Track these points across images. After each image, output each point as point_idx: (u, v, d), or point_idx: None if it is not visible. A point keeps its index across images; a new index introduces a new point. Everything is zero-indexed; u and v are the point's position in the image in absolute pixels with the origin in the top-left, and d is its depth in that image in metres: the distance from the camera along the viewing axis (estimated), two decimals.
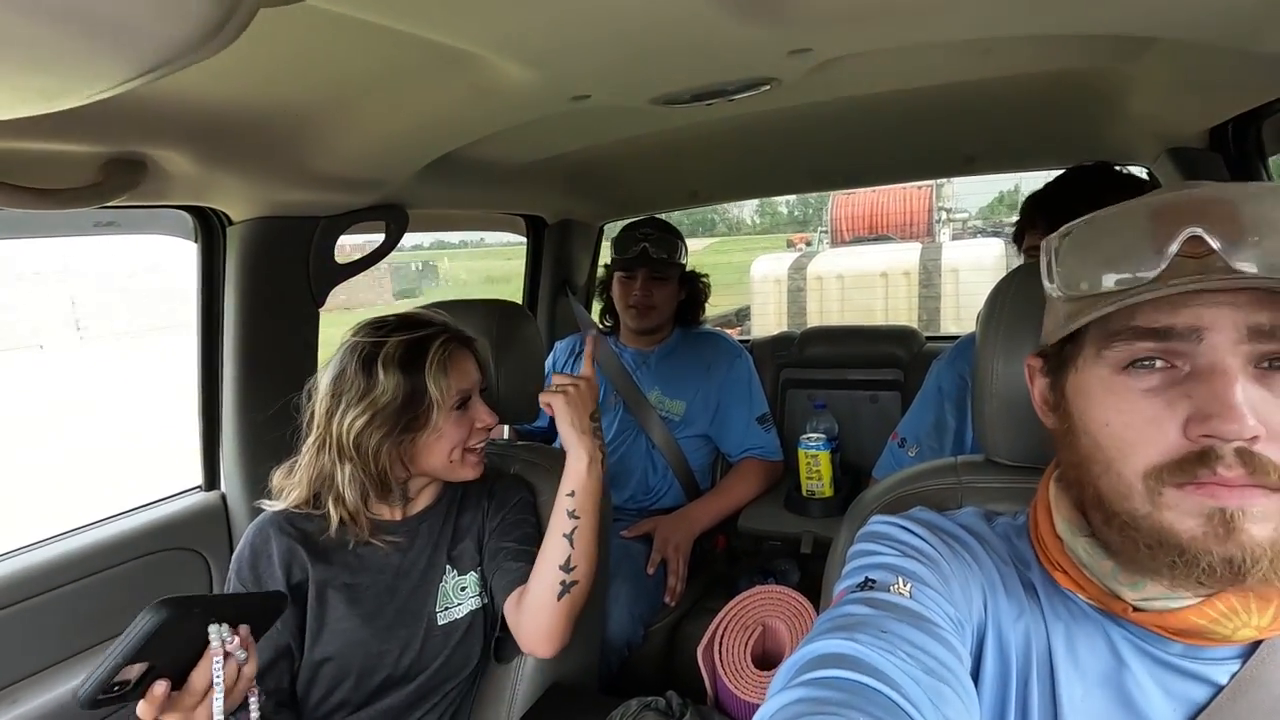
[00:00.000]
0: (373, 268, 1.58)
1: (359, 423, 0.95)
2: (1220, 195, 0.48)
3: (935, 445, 1.33)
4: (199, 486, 1.39)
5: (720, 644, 0.94)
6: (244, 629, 0.79)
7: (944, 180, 7.13)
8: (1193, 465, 0.45)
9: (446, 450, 1.00)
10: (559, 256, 2.16)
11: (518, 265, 2.22)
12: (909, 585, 0.54)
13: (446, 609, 1.02)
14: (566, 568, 0.97)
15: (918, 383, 1.79)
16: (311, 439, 1.00)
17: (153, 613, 0.72)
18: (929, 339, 1.94)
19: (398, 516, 1.05)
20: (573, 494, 1.00)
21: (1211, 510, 0.45)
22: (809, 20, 0.83)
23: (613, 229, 2.14)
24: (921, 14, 0.84)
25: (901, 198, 7.06)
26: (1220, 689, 0.50)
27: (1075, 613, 0.56)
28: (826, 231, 7.53)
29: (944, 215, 7.09)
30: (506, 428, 1.82)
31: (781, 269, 5.84)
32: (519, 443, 1.29)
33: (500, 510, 1.08)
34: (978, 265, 4.84)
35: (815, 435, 1.62)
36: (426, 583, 1.02)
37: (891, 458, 1.43)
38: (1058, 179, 1.25)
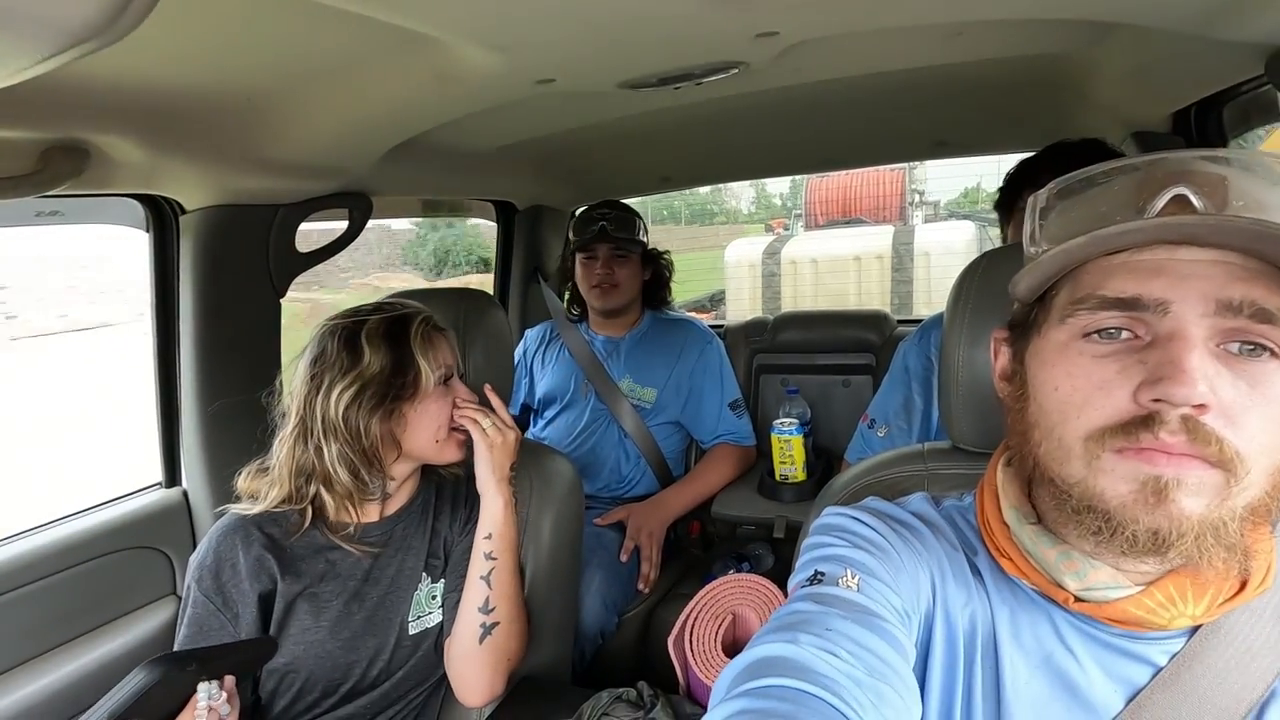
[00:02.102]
0: None
1: (347, 396, 0.93)
2: (1211, 163, 0.49)
3: (904, 425, 1.34)
4: (159, 483, 1.35)
5: (691, 634, 0.94)
6: (230, 681, 0.77)
7: (916, 164, 7.18)
8: (1135, 429, 0.45)
9: (433, 425, 0.99)
10: (530, 243, 2.14)
11: None
12: (856, 578, 0.54)
13: (419, 618, 1.00)
14: (485, 609, 0.96)
15: (889, 366, 1.82)
16: (288, 431, 0.97)
17: (146, 671, 0.70)
18: (900, 322, 1.95)
19: (374, 517, 1.02)
20: (489, 536, 0.99)
21: (1146, 477, 0.45)
22: (775, 3, 0.82)
23: None
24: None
25: (874, 181, 7.09)
26: (1160, 670, 0.51)
27: (1020, 597, 0.56)
28: (801, 215, 7.55)
29: (917, 198, 7.15)
30: None
31: (755, 254, 5.85)
32: None
33: (467, 523, 1.06)
34: (949, 249, 4.89)
35: (788, 420, 1.63)
36: (399, 589, 1.00)
37: (862, 440, 1.44)
38: (1047, 152, 1.23)
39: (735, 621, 0.93)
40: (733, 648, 0.92)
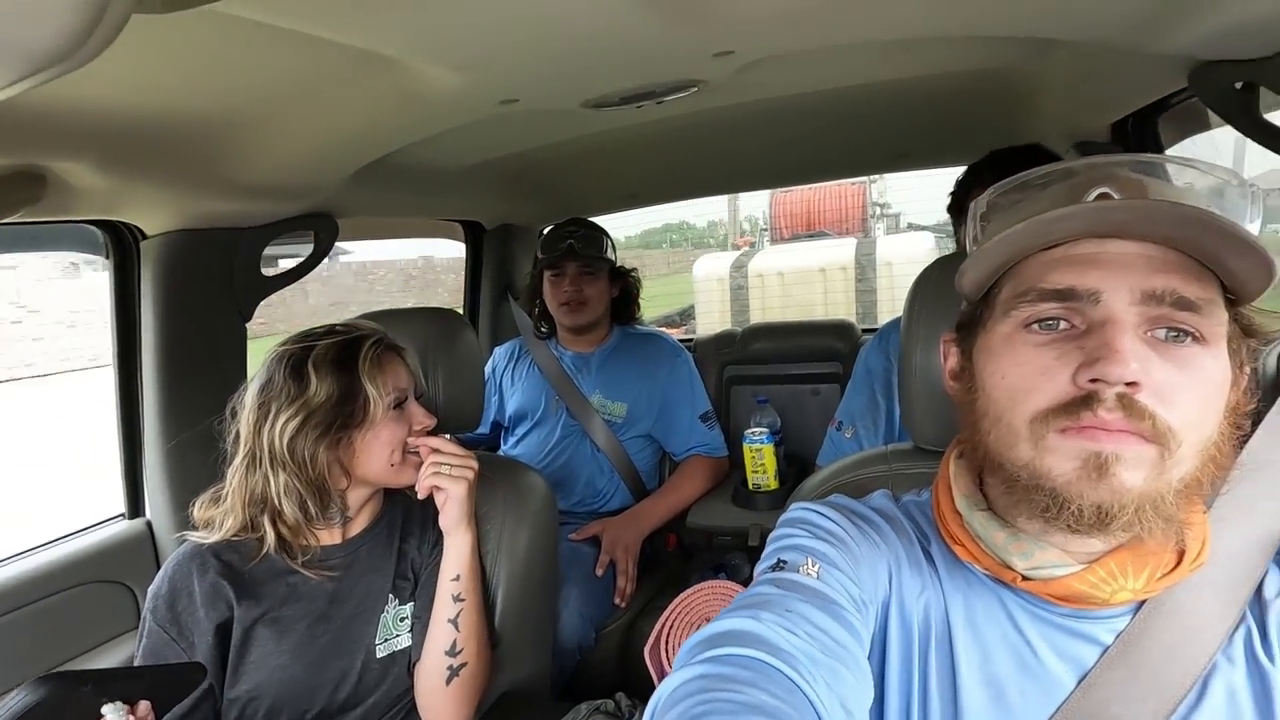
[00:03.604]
0: None
1: (291, 425, 0.92)
2: (1132, 169, 0.54)
3: (869, 425, 1.37)
4: (121, 515, 1.32)
5: (666, 641, 0.94)
6: (143, 706, 0.72)
7: (877, 177, 7.37)
8: (1076, 408, 0.48)
9: (386, 452, 0.97)
10: (499, 262, 2.14)
11: None
12: (817, 566, 0.57)
13: (387, 640, 0.99)
14: (453, 652, 0.95)
15: None
16: (239, 459, 0.96)
17: (29, 690, 0.65)
18: (864, 331, 2.00)
19: (337, 539, 1.01)
20: (457, 578, 0.98)
21: (1088, 454, 0.48)
22: (730, 22, 0.85)
23: None
24: (837, 16, 0.86)
25: (836, 195, 7.28)
26: (1107, 649, 0.53)
27: (972, 582, 0.59)
28: (766, 230, 7.68)
29: (878, 210, 7.34)
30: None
31: (723, 268, 5.94)
32: None
33: (436, 545, 1.04)
34: (910, 259, 5.04)
35: (758, 430, 1.65)
36: (365, 611, 0.98)
37: (831, 444, 1.47)
38: (989, 158, 1.30)
39: None
40: None
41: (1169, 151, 1.45)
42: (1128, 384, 0.47)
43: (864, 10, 0.85)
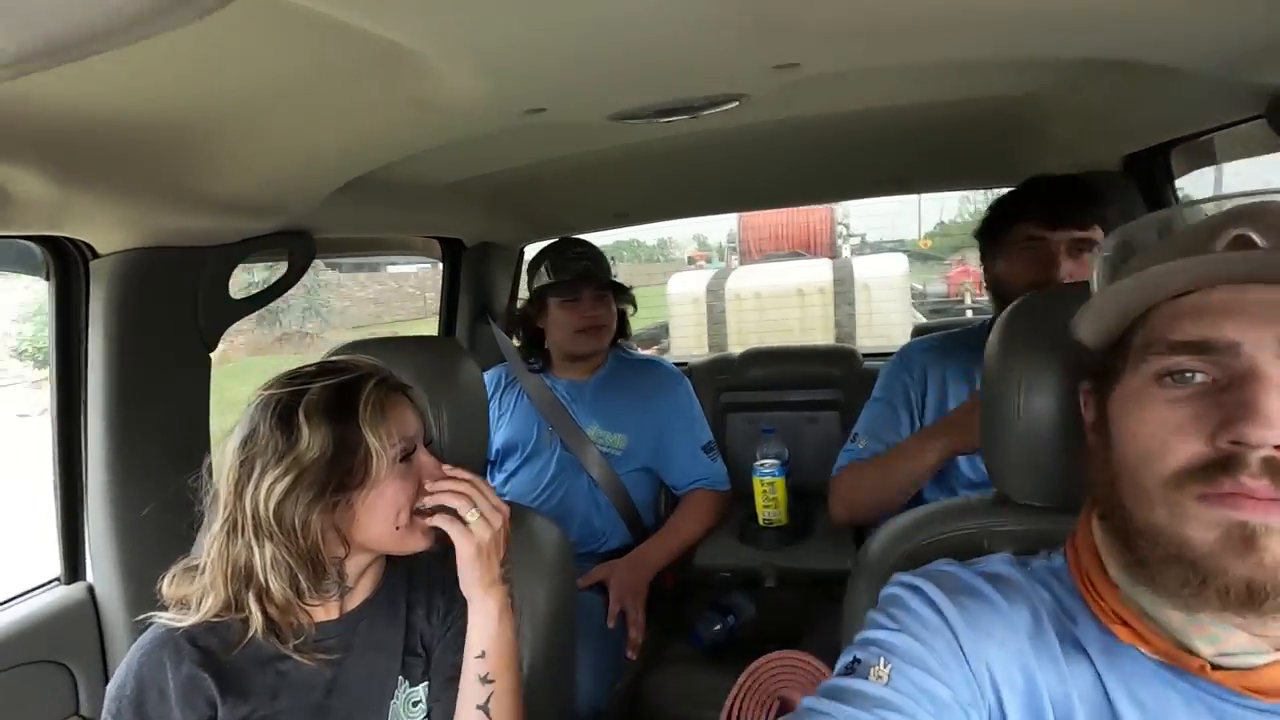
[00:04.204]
0: None
1: (279, 487, 0.76)
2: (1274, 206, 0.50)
3: (882, 437, 1.32)
4: (57, 580, 1.13)
5: None
6: None
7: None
8: (1215, 472, 0.44)
9: (392, 514, 0.81)
10: (478, 281, 2.01)
11: None
12: (889, 667, 0.53)
13: None
14: None
15: (857, 402, 1.80)
16: (218, 525, 0.79)
17: None
18: (865, 357, 1.95)
19: (334, 614, 0.85)
20: (483, 655, 0.81)
21: (1231, 523, 0.43)
22: (803, 34, 0.77)
23: (530, 252, 2.01)
24: (913, 32, 0.79)
25: (804, 214, 7.38)
26: None
27: (1140, 670, 0.51)
28: (734, 248, 7.70)
29: (844, 231, 7.47)
30: None
31: (700, 287, 5.89)
32: None
33: (452, 610, 0.89)
34: (887, 282, 5.14)
35: (769, 461, 1.57)
36: (371, 699, 0.83)
37: (844, 453, 1.39)
38: (1050, 178, 1.23)
39: (784, 705, 0.84)
40: None
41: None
42: (1276, 446, 0.42)
43: (942, 27, 0.79)
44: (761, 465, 1.57)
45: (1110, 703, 0.51)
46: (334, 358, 0.89)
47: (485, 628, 0.82)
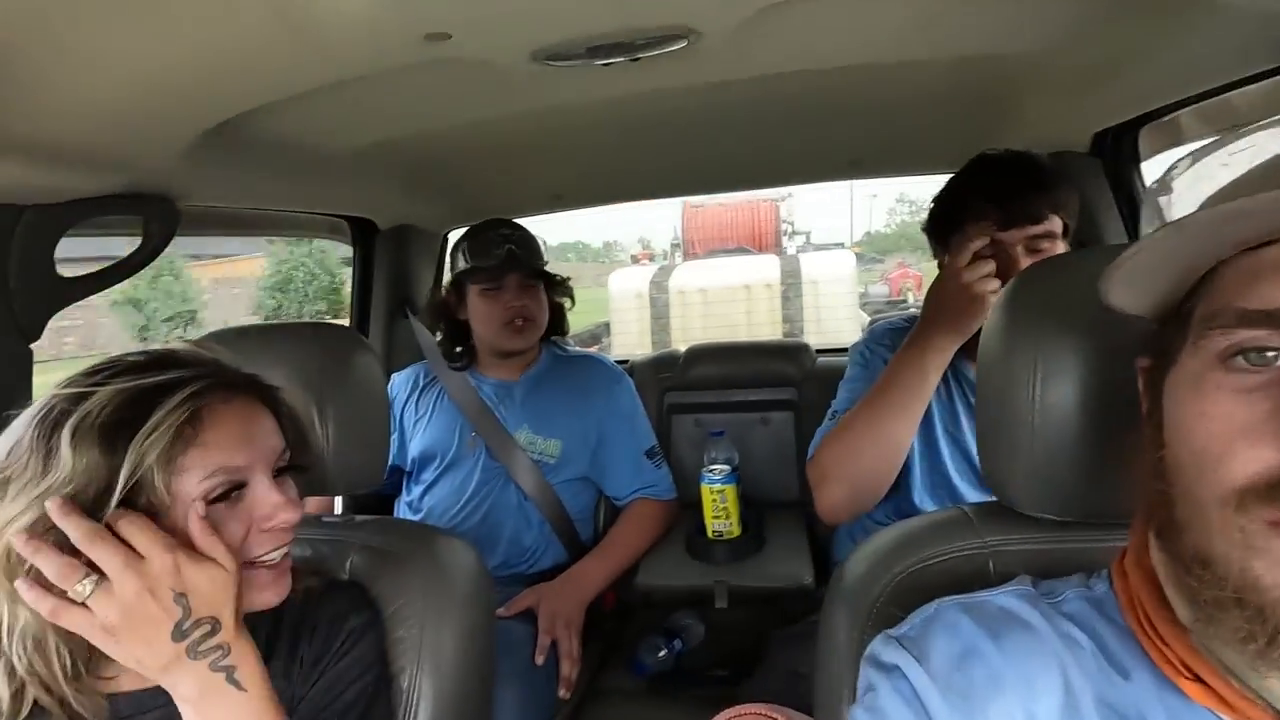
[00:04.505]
0: None
1: (15, 525, 0.54)
2: None
3: None
4: None
5: None
6: None
7: (785, 194, 7.50)
8: None
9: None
10: (395, 270, 1.79)
11: None
12: None
13: None
14: None
15: (812, 401, 1.67)
16: None
17: None
18: (819, 353, 1.82)
19: (149, 682, 0.62)
20: None
21: None
22: None
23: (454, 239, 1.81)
24: None
25: (749, 210, 7.32)
26: None
27: None
28: (678, 245, 7.59)
29: (789, 228, 7.46)
30: (339, 500, 1.40)
31: (643, 283, 5.72)
32: (359, 518, 0.93)
33: (323, 659, 0.70)
34: (836, 277, 5.10)
35: (718, 467, 1.41)
36: None
37: (820, 433, 1.24)
38: (987, 166, 1.09)
39: None
40: None
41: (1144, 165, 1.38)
42: None
43: None
44: (710, 472, 1.41)
45: None
46: (171, 346, 0.68)
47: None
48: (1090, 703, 0.42)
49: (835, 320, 4.99)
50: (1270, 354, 0.35)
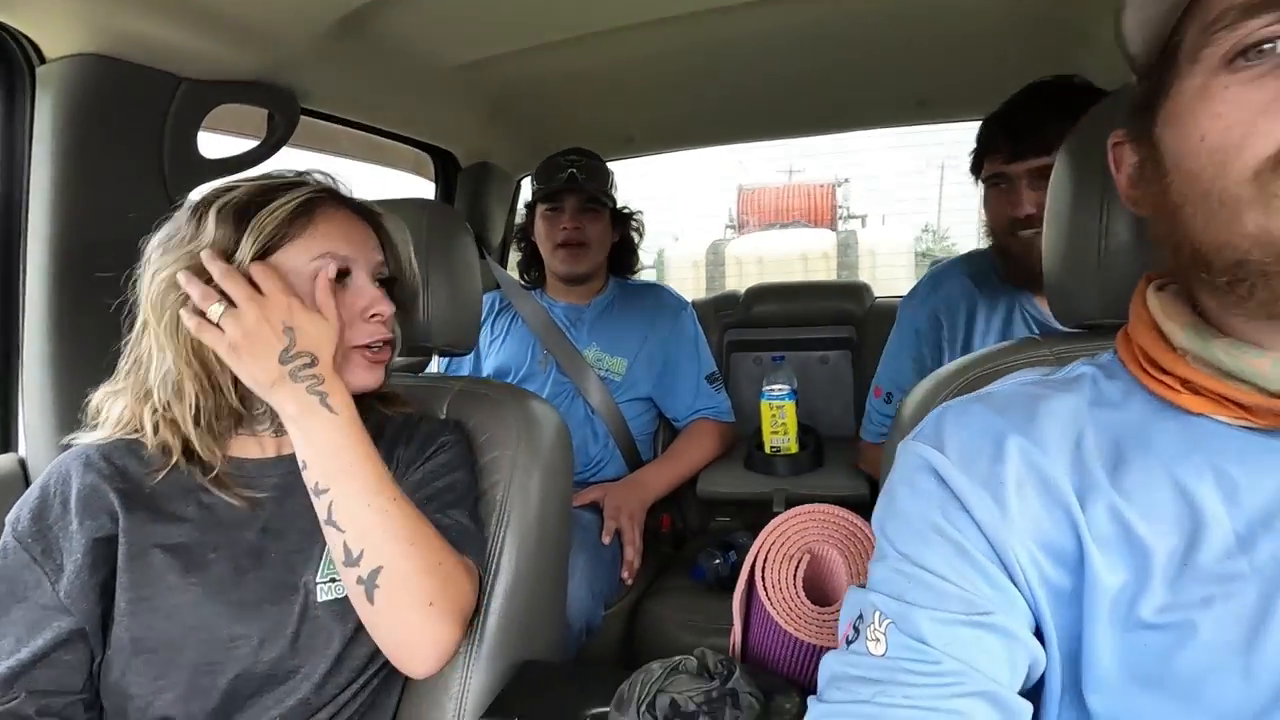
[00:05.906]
0: None
1: (163, 275, 0.68)
2: None
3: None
4: None
5: (763, 576, 0.72)
6: None
7: (842, 180, 7.48)
8: None
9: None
10: (473, 207, 1.89)
11: None
12: (886, 623, 0.44)
13: (334, 580, 0.70)
14: (352, 562, 0.65)
15: (871, 339, 1.70)
16: (137, 327, 0.71)
17: None
18: (878, 296, 1.85)
19: (269, 452, 0.74)
20: (305, 466, 0.68)
21: None
22: None
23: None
24: None
25: (805, 194, 7.33)
26: None
27: (1224, 445, 0.42)
28: (732, 225, 7.62)
29: (845, 212, 7.44)
30: (436, 359, 1.52)
31: (699, 251, 5.78)
32: (455, 375, 1.01)
33: (416, 461, 0.78)
34: (894, 248, 5.06)
35: (779, 386, 1.46)
36: (304, 546, 0.71)
37: (878, 415, 1.30)
38: (1021, 95, 1.11)
39: (814, 562, 0.73)
40: (817, 594, 0.72)
41: None
42: None
43: None
44: (771, 390, 1.46)
45: (1214, 479, 0.41)
46: (303, 173, 0.78)
47: (295, 435, 0.68)
48: (1093, 443, 0.45)
49: (891, 289, 4.91)
50: (1268, 46, 0.37)
